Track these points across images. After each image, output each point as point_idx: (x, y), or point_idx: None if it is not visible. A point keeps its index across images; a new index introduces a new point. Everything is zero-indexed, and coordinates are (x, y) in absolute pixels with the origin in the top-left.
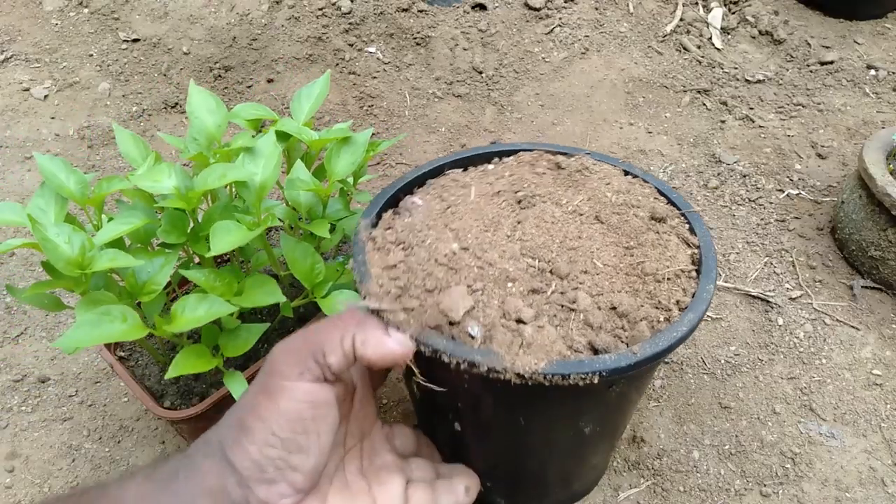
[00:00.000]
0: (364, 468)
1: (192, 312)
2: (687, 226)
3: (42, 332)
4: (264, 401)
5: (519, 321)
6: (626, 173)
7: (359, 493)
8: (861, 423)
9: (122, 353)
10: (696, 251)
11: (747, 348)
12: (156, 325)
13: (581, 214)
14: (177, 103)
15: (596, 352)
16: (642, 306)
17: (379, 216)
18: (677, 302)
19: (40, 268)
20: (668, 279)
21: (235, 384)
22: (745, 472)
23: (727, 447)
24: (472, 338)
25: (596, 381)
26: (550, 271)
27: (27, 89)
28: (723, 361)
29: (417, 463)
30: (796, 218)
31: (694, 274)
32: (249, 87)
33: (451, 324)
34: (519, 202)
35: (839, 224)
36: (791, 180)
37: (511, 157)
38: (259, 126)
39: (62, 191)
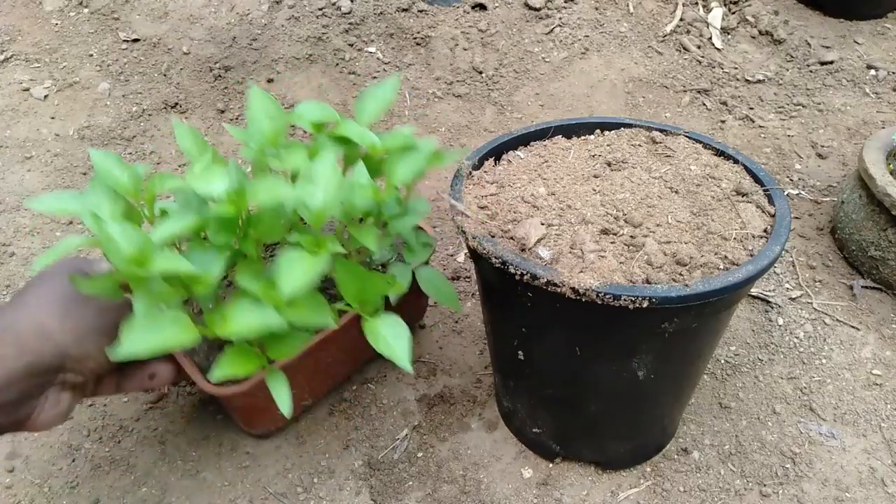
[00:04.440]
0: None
1: (244, 320)
2: (768, 199)
3: None
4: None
5: (584, 251)
6: (720, 153)
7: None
8: (861, 423)
9: None
10: (771, 220)
11: (747, 348)
12: (208, 325)
13: (665, 181)
14: (177, 103)
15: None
16: (704, 256)
17: (482, 162)
18: (740, 258)
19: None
20: (736, 239)
21: (278, 384)
22: (745, 472)
23: (727, 447)
24: (541, 259)
25: (645, 305)
26: (625, 220)
27: (27, 89)
28: (723, 361)
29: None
30: (796, 218)
31: (764, 239)
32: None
33: (522, 249)
34: (609, 164)
35: (839, 224)
36: (791, 180)
37: (613, 131)
38: (321, 128)
39: (117, 186)
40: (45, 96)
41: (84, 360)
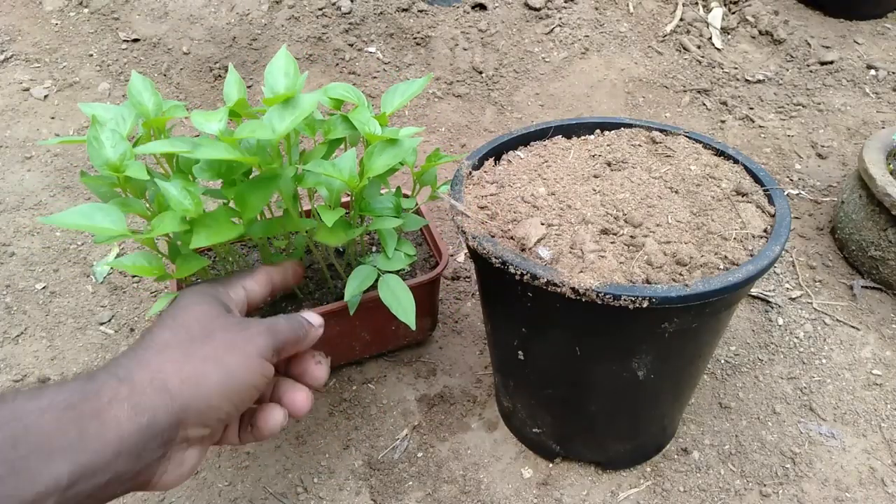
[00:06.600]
0: None
1: (166, 223)
2: (768, 199)
3: (42, 332)
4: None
5: (584, 251)
6: (720, 153)
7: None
8: (861, 423)
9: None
10: (771, 220)
11: (747, 348)
12: (151, 227)
13: (665, 181)
14: None
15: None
16: (704, 256)
17: (482, 162)
18: (740, 258)
19: (41, 268)
20: (736, 239)
21: (163, 303)
22: (745, 472)
23: (727, 447)
24: (541, 259)
25: (645, 305)
26: (625, 220)
27: (27, 89)
28: (723, 361)
29: None
30: (796, 218)
31: (764, 239)
32: (249, 87)
33: (522, 249)
34: (609, 164)
35: (839, 224)
36: (791, 180)
37: (613, 131)
38: (339, 106)
39: (140, 108)
40: (45, 96)
41: (207, 412)
